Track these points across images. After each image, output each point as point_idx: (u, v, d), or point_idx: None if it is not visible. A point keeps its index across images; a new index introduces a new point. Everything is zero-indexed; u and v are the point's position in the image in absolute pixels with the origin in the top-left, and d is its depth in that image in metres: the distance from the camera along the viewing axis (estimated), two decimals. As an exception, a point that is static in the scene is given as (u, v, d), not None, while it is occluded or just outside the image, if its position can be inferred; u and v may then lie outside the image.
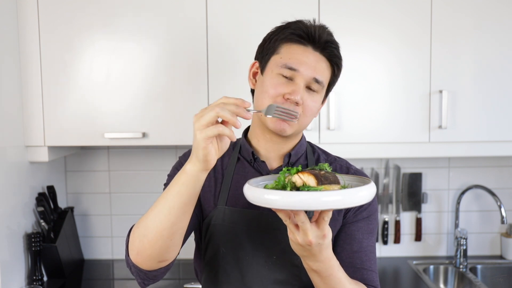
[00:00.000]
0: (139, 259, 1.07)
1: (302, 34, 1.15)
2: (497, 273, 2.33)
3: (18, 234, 1.95)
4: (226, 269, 1.21)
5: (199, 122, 0.95)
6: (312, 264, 1.03)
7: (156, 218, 1.02)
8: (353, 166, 1.29)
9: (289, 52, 1.15)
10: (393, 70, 2.01)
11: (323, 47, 1.16)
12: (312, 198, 0.89)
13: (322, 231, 0.97)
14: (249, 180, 1.05)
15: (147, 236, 1.03)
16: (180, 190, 1.00)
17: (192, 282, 2.03)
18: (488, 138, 2.04)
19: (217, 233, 1.21)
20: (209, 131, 0.94)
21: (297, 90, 1.13)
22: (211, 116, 0.94)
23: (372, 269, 1.20)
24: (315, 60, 1.15)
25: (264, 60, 1.20)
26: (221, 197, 1.22)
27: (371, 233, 1.22)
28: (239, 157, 1.26)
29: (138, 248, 1.06)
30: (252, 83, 1.25)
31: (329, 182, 0.97)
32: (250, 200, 0.97)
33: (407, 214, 2.46)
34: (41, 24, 1.95)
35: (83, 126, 1.98)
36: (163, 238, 1.03)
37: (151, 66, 1.98)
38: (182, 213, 1.02)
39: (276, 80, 1.15)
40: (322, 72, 1.16)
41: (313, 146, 1.32)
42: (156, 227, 1.02)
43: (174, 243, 1.06)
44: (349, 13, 1.98)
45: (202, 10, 1.96)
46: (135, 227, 1.08)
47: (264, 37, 1.24)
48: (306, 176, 0.97)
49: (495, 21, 2.01)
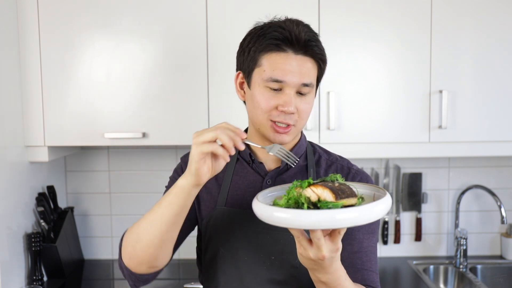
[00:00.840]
0: (131, 264, 1.12)
1: (279, 42, 1.11)
2: (497, 273, 2.33)
3: (18, 234, 1.95)
4: (225, 270, 1.21)
5: (198, 138, 1.00)
6: (322, 277, 1.02)
7: (148, 227, 1.07)
8: (354, 166, 1.28)
9: (271, 63, 1.11)
10: (393, 70, 2.01)
11: (304, 48, 1.12)
12: (328, 217, 0.86)
13: (336, 245, 0.95)
14: (257, 194, 1.03)
15: (139, 243, 1.08)
16: (171, 202, 1.05)
17: (192, 282, 2.03)
18: (488, 138, 2.04)
19: (216, 233, 1.22)
20: (205, 147, 0.99)
21: (288, 100, 1.11)
22: (210, 135, 1.00)
23: (373, 269, 1.19)
24: (298, 64, 1.11)
25: (248, 72, 1.17)
26: (220, 198, 1.23)
27: (372, 233, 1.21)
28: (238, 158, 1.26)
29: (130, 254, 1.10)
30: (240, 94, 1.22)
31: (346, 196, 0.93)
32: (261, 218, 0.94)
33: (407, 214, 2.46)
34: (41, 24, 1.95)
35: (83, 126, 1.98)
36: (154, 246, 1.08)
37: (151, 66, 1.98)
38: (173, 224, 1.06)
39: (266, 93, 1.13)
40: (309, 73, 1.13)
41: (314, 146, 1.31)
42: (147, 236, 1.07)
43: (165, 251, 1.11)
44: (349, 13, 1.98)
45: (202, 10, 1.96)
46: (128, 233, 1.12)
47: (240, 43, 1.20)
48: (320, 189, 0.93)
49: (495, 21, 2.01)
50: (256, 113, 1.15)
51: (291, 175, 1.23)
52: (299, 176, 1.23)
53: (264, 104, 1.13)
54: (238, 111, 1.96)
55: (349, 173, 1.25)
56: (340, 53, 1.98)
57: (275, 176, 1.23)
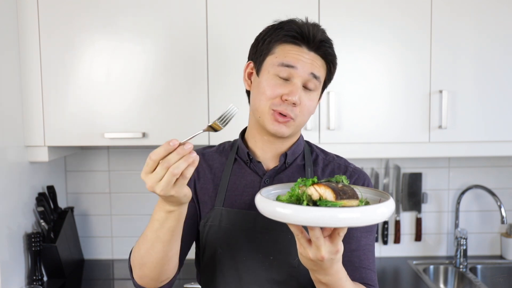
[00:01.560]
0: (143, 282, 1.14)
1: (296, 35, 1.15)
2: (497, 273, 2.33)
3: (18, 234, 1.95)
4: (223, 270, 1.21)
5: (149, 184, 0.91)
6: (322, 278, 1.01)
7: (149, 250, 1.07)
8: (351, 164, 1.28)
9: (284, 51, 1.15)
10: (393, 70, 2.01)
11: (317, 46, 1.16)
12: (329, 215, 0.85)
13: (335, 247, 0.94)
14: (261, 189, 1.02)
15: (145, 265, 1.10)
16: (163, 224, 1.02)
17: (192, 282, 2.04)
18: (488, 138, 2.04)
19: (214, 234, 1.21)
20: (164, 183, 0.90)
21: (295, 90, 1.13)
22: (160, 174, 0.90)
23: (371, 268, 1.19)
24: (310, 58, 1.15)
25: (259, 61, 1.19)
26: (218, 198, 1.23)
27: (370, 232, 1.21)
28: (236, 157, 1.26)
29: (140, 275, 1.13)
30: (247, 84, 1.24)
31: (347, 197, 0.93)
32: (263, 213, 0.93)
33: (407, 214, 2.46)
34: (41, 24, 1.95)
35: (83, 126, 1.98)
36: (160, 265, 1.09)
37: (151, 66, 1.98)
38: (172, 241, 1.06)
39: (273, 81, 1.15)
40: (319, 68, 1.17)
41: (311, 146, 1.32)
42: (151, 258, 1.08)
43: (172, 264, 1.12)
44: (349, 13, 1.98)
45: (202, 10, 1.96)
46: (133, 254, 1.13)
47: (257, 37, 1.23)
48: (323, 189, 0.93)
49: (495, 21, 2.01)
50: (259, 100, 1.16)
51: (289, 175, 1.23)
52: (296, 175, 1.23)
53: (270, 91, 1.14)
54: (238, 111, 1.96)
55: (346, 171, 1.25)
56: (340, 53, 1.95)
57: (273, 175, 1.23)
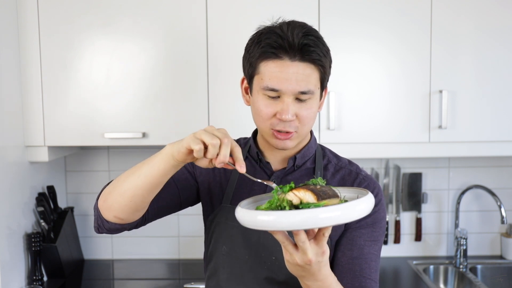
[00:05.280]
0: (102, 207, 1.15)
1: (274, 47, 1.08)
2: (497, 273, 2.33)
3: (18, 234, 1.95)
4: (226, 267, 1.22)
5: (206, 131, 0.99)
6: (311, 284, 1.00)
7: (125, 178, 1.10)
8: (363, 171, 1.25)
9: (267, 71, 1.10)
10: (393, 70, 2.01)
11: (301, 53, 1.08)
12: (312, 216, 0.85)
13: (321, 248, 0.93)
14: (240, 202, 1.01)
15: (114, 190, 1.11)
16: (153, 163, 1.06)
17: (192, 282, 2.03)
18: (488, 138, 2.04)
19: (220, 231, 1.23)
20: (207, 137, 0.97)
21: (286, 108, 1.10)
22: (215, 139, 0.97)
23: (372, 278, 1.16)
24: (295, 72, 1.08)
25: (249, 79, 1.17)
26: (226, 195, 1.24)
27: (375, 241, 1.18)
28: (247, 155, 1.27)
29: (105, 197, 1.14)
30: (246, 99, 1.22)
31: (328, 197, 0.93)
32: (244, 224, 0.92)
33: (407, 214, 2.46)
34: (41, 24, 1.95)
35: (83, 126, 1.98)
36: (124, 198, 1.09)
37: (151, 66, 1.98)
38: (148, 184, 1.07)
39: (264, 101, 1.12)
40: (307, 80, 1.09)
41: (324, 150, 1.29)
42: (122, 185, 1.10)
43: (132, 207, 1.11)
44: (348, 14, 1.98)
45: (202, 10, 1.96)
46: (115, 179, 1.15)
47: (245, 47, 1.18)
48: (302, 192, 0.92)
49: (495, 22, 2.01)
50: (258, 120, 1.16)
51: (298, 177, 1.22)
52: (305, 178, 1.22)
53: (264, 112, 1.13)
54: (238, 111, 1.96)
55: (357, 178, 1.23)
56: (340, 53, 1.97)
57: (282, 176, 1.23)
